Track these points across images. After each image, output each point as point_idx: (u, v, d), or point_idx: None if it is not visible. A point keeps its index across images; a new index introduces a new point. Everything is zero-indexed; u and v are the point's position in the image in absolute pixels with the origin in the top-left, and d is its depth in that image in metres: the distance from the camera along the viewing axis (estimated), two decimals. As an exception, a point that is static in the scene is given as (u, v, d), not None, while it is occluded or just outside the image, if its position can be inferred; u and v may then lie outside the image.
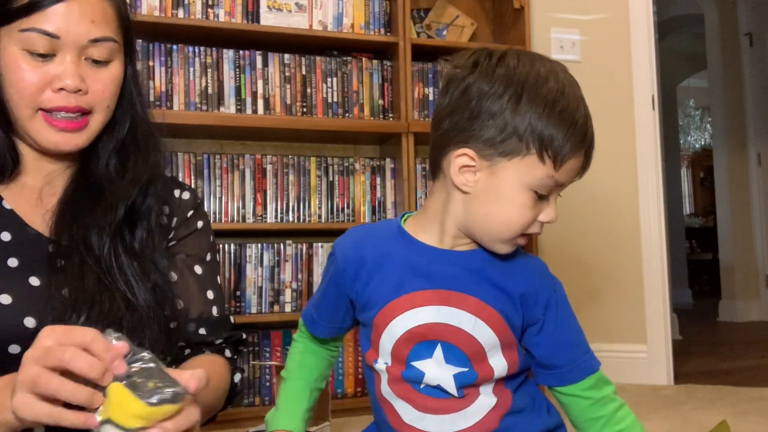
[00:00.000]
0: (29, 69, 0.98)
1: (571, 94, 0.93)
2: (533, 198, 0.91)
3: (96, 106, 1.03)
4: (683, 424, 2.22)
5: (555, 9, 3.19)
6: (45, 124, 1.00)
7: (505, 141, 0.90)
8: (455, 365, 0.95)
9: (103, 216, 1.03)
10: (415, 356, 0.96)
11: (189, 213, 1.17)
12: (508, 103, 0.90)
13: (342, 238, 1.04)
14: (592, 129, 0.94)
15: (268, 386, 2.52)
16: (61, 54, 0.99)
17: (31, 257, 0.99)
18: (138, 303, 1.00)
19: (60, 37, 0.98)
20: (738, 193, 5.53)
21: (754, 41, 5.49)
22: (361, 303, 1.00)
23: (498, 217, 0.92)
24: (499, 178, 0.91)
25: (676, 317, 4.32)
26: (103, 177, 1.07)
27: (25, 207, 1.04)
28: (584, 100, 0.95)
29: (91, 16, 1.00)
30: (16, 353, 0.93)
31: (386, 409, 0.99)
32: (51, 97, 0.99)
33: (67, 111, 1.00)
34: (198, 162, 2.50)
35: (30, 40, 0.97)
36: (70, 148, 1.03)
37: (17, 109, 1.00)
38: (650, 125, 3.10)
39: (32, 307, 0.95)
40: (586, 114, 0.94)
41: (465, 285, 0.95)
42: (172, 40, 2.47)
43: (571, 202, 3.12)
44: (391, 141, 2.71)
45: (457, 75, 0.94)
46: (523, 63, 0.93)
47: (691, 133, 10.66)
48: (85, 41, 1.00)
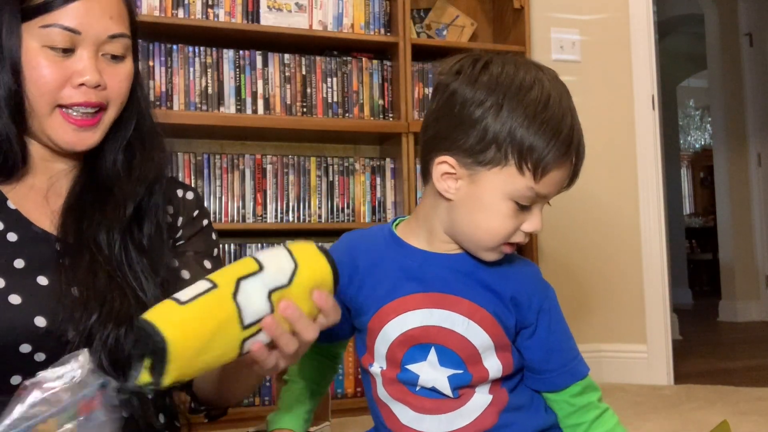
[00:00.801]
0: (49, 65, 0.99)
1: (557, 103, 0.90)
2: (514, 208, 0.90)
3: (112, 101, 1.04)
4: (683, 424, 2.22)
5: (555, 9, 3.19)
6: (63, 121, 1.01)
7: (484, 150, 0.89)
8: (449, 367, 0.95)
9: (113, 213, 1.03)
10: (410, 359, 0.96)
11: (195, 212, 1.18)
12: (488, 111, 0.89)
13: (336, 244, 1.05)
14: (579, 140, 0.91)
15: (268, 386, 2.52)
16: (80, 49, 1.00)
17: (38, 256, 0.99)
18: (147, 300, 1.00)
19: (81, 33, 0.99)
20: (738, 193, 5.53)
21: (754, 41, 5.49)
22: (355, 308, 1.00)
23: (479, 225, 0.92)
24: (479, 187, 0.91)
25: (676, 317, 4.32)
26: (110, 175, 1.07)
27: (30, 207, 1.04)
28: (573, 110, 0.92)
29: (110, 12, 1.01)
30: (27, 352, 0.94)
31: (383, 412, 1.00)
32: (71, 93, 1.00)
33: (86, 106, 1.01)
34: (198, 162, 2.50)
35: (51, 35, 0.98)
36: (83, 147, 1.03)
37: (36, 105, 1.00)
38: (650, 125, 3.10)
39: (42, 307, 0.95)
40: (573, 124, 0.90)
41: (457, 288, 0.95)
42: (172, 40, 2.47)
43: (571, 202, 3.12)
44: (391, 141, 2.71)
45: (442, 81, 0.94)
46: (508, 70, 0.91)
47: (691, 133, 10.66)
48: (105, 37, 1.01)
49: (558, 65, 3.14)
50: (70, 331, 0.95)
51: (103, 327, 0.95)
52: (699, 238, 9.34)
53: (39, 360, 0.95)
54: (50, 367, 0.75)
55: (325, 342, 1.07)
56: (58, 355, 0.93)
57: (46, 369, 0.93)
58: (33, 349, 0.94)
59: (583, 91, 3.14)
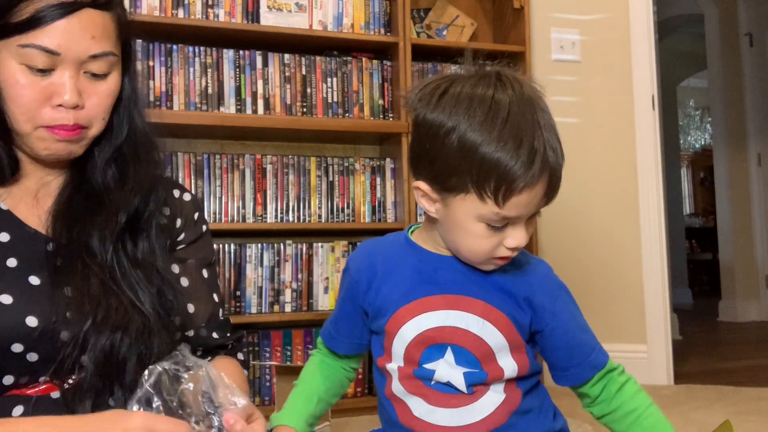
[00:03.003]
0: (28, 85, 0.97)
1: (518, 124, 0.85)
2: (487, 229, 0.90)
3: (92, 119, 1.02)
4: (683, 424, 2.22)
5: (555, 9, 3.19)
6: (47, 133, 0.99)
7: (447, 179, 0.89)
8: (465, 366, 0.97)
9: (105, 224, 1.03)
10: (427, 359, 0.98)
11: (195, 215, 1.18)
12: (446, 137, 0.87)
13: (354, 252, 1.08)
14: (545, 158, 0.86)
15: (267, 386, 2.52)
16: (60, 69, 0.97)
17: (30, 256, 0.99)
18: (145, 308, 1.00)
19: (60, 54, 0.96)
20: (738, 193, 5.53)
21: (754, 41, 5.49)
22: (373, 311, 1.02)
23: (460, 244, 0.93)
24: (452, 210, 0.91)
25: (676, 317, 4.32)
26: (101, 187, 1.07)
27: (22, 207, 1.04)
28: (539, 124, 0.86)
29: (92, 31, 0.98)
30: (19, 352, 0.94)
31: (397, 406, 1.01)
32: (51, 115, 0.98)
33: (64, 129, 0.99)
34: (198, 162, 2.50)
35: (29, 55, 0.95)
36: (66, 154, 1.03)
37: (17, 124, 0.99)
38: (650, 125, 3.10)
39: (34, 307, 0.95)
40: (535, 140, 0.85)
41: (471, 289, 0.97)
42: (172, 40, 2.47)
43: (571, 202, 3.12)
44: (391, 141, 2.71)
45: (410, 108, 0.94)
46: (466, 90, 0.88)
47: (691, 133, 10.65)
48: (85, 57, 0.98)
49: (558, 65, 3.14)
50: (63, 331, 0.95)
51: (98, 332, 0.95)
52: (699, 238, 9.33)
53: (31, 360, 0.94)
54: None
55: (353, 353, 1.10)
56: (50, 355, 0.94)
57: (38, 369, 0.94)
58: (25, 349, 0.94)
59: (583, 91, 3.14)
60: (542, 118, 0.88)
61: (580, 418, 2.00)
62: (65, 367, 0.95)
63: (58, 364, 0.94)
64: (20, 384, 0.96)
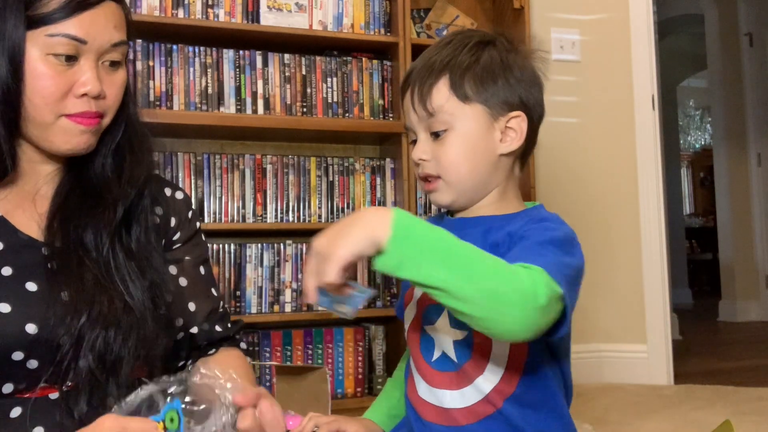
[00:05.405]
0: (54, 75, 0.98)
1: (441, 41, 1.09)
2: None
3: (108, 110, 1.05)
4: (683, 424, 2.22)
5: (555, 9, 3.19)
6: (70, 124, 1.01)
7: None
8: (458, 328, 0.99)
9: (102, 216, 1.03)
10: (427, 321, 1.04)
11: (188, 213, 1.19)
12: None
13: None
14: (420, 65, 1.12)
15: (268, 386, 2.51)
16: (83, 58, 1.00)
17: (26, 263, 0.99)
18: (134, 303, 1.01)
19: (87, 42, 0.99)
20: (738, 193, 5.53)
21: (754, 41, 5.49)
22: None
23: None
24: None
25: (676, 317, 4.32)
26: (98, 178, 1.08)
27: (17, 212, 1.03)
28: (448, 45, 1.10)
29: (114, 21, 1.02)
30: (20, 360, 0.94)
31: (409, 384, 1.07)
32: (74, 102, 1.00)
33: (87, 116, 1.01)
34: (198, 162, 2.50)
35: (57, 44, 0.98)
36: (84, 150, 1.04)
37: (40, 114, 0.99)
38: (650, 125, 3.10)
39: (32, 313, 0.95)
40: (425, 55, 1.11)
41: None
42: (172, 40, 2.47)
43: (571, 201, 3.12)
44: (391, 141, 2.71)
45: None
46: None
47: (691, 133, 10.66)
48: (108, 46, 1.02)
49: (558, 65, 3.14)
50: (62, 335, 0.95)
51: (92, 329, 0.96)
52: (699, 238, 9.33)
53: (31, 367, 0.94)
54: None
55: None
56: (50, 361, 0.94)
57: (38, 375, 0.94)
58: (25, 357, 0.94)
59: (583, 91, 3.14)
60: (451, 39, 1.15)
61: (580, 418, 2.00)
62: (63, 369, 0.95)
63: (57, 366, 0.95)
64: (19, 390, 0.96)
